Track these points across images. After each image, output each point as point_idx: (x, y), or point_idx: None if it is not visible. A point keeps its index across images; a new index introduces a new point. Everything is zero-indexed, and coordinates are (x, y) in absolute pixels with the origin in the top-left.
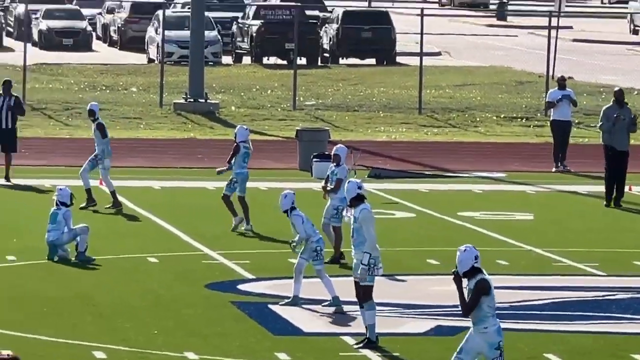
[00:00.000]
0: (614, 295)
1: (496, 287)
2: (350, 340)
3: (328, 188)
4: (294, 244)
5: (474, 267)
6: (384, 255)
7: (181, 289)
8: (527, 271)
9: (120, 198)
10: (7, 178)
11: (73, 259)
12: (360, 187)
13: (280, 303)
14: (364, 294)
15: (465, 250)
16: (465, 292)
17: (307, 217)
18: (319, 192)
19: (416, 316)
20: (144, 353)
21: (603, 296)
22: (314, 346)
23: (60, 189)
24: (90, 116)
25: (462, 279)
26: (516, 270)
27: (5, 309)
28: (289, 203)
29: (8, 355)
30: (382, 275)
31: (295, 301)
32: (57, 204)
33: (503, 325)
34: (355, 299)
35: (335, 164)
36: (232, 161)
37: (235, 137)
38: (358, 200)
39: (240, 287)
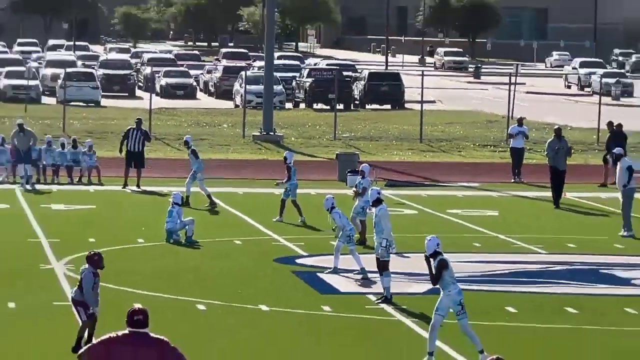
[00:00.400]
0: (552, 267)
1: (472, 262)
2: (372, 298)
3: (356, 193)
4: (334, 229)
5: (436, 251)
6: (395, 239)
7: (257, 262)
8: (494, 250)
9: (215, 199)
10: (138, 186)
11: (183, 241)
12: (379, 193)
13: (325, 272)
14: (382, 267)
15: (430, 239)
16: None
17: (342, 212)
18: (350, 195)
19: (417, 282)
20: (232, 306)
21: (545, 267)
22: (347, 301)
23: (175, 194)
24: (185, 145)
25: (429, 259)
26: (486, 250)
27: (137, 276)
28: (329, 203)
29: (139, 308)
30: (394, 253)
31: (335, 271)
32: (172, 204)
33: (477, 288)
34: (376, 270)
35: (361, 177)
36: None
37: (285, 160)
38: (378, 202)
39: (298, 261)
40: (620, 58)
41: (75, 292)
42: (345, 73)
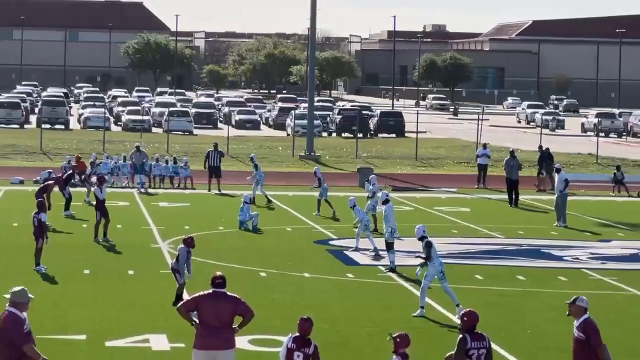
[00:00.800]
0: (507, 247)
1: (451, 243)
2: (382, 268)
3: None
4: (355, 222)
5: (423, 236)
6: (397, 227)
7: (302, 243)
8: (466, 235)
9: (272, 199)
10: (218, 190)
11: (251, 229)
12: (387, 195)
13: (349, 250)
14: (389, 246)
15: (418, 227)
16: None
17: (361, 208)
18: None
19: (412, 257)
20: (284, 273)
21: (502, 247)
22: (365, 270)
23: (245, 195)
24: (251, 160)
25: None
26: (461, 235)
27: (218, 252)
28: (353, 202)
29: (219, 274)
30: (397, 238)
31: (356, 249)
32: (243, 202)
33: (455, 261)
34: (384, 248)
35: (372, 184)
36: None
37: (315, 173)
38: (386, 202)
39: (330, 242)
40: (555, 102)
41: (174, 263)
42: (364, 112)
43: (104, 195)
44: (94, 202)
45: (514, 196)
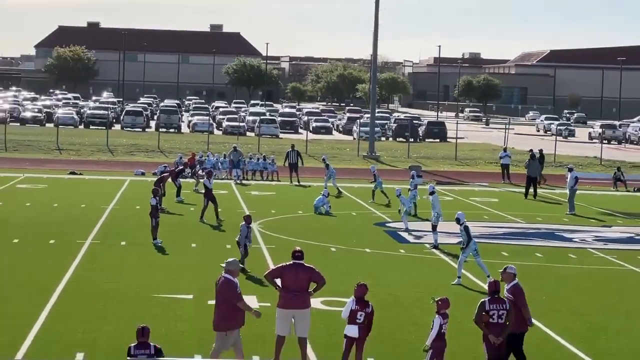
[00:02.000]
0: (527, 230)
1: (482, 226)
2: (427, 245)
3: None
4: (400, 208)
5: (460, 219)
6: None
7: (364, 224)
8: (495, 220)
9: (341, 190)
10: (298, 182)
11: (323, 213)
12: (433, 188)
13: (401, 230)
14: (433, 228)
15: (459, 213)
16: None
17: (405, 197)
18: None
19: (452, 237)
20: (350, 249)
21: (523, 230)
22: (414, 247)
23: (325, 188)
24: (323, 161)
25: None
26: (491, 220)
27: (297, 231)
28: (398, 191)
29: (299, 248)
30: (441, 221)
31: (407, 230)
32: (322, 194)
33: (486, 241)
34: (430, 230)
35: (418, 176)
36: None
37: (371, 170)
38: (432, 193)
39: (387, 224)
40: (568, 115)
41: (238, 237)
42: (414, 121)
43: (212, 186)
44: (202, 191)
45: (531, 190)
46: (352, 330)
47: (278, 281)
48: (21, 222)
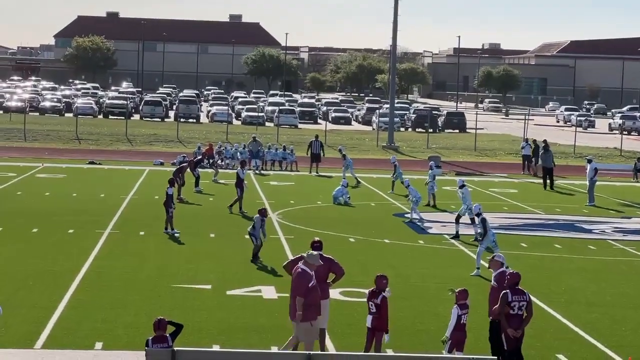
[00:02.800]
0: (547, 221)
1: (502, 217)
2: (446, 236)
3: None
4: (408, 198)
5: (479, 212)
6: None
7: (383, 215)
8: (514, 211)
9: (360, 180)
10: (317, 172)
11: (343, 203)
12: (463, 181)
13: (417, 221)
14: (457, 219)
15: (475, 205)
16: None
17: (414, 188)
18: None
19: (472, 228)
20: (367, 239)
21: (543, 221)
22: (434, 238)
23: (344, 179)
24: (339, 152)
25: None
26: (510, 211)
27: (316, 220)
28: (407, 182)
29: (317, 239)
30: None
31: (420, 220)
32: (342, 184)
33: (505, 232)
34: (454, 221)
35: (437, 167)
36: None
37: (391, 160)
38: (462, 186)
39: (406, 215)
40: (588, 106)
41: (250, 229)
42: (434, 112)
43: (244, 176)
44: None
45: (548, 181)
46: (368, 320)
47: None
48: (40, 211)
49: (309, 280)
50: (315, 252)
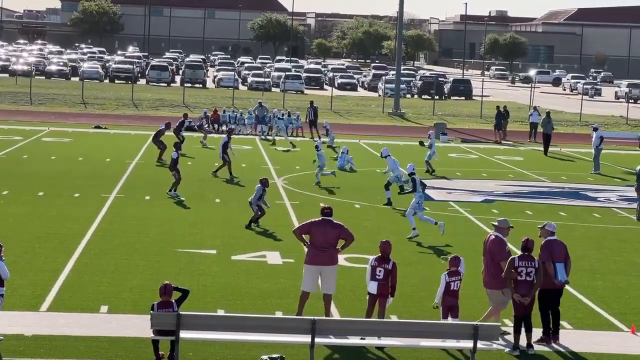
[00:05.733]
0: (552, 189)
1: (507, 185)
2: (452, 203)
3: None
4: (384, 170)
5: (412, 172)
6: (467, 172)
7: (394, 184)
8: (520, 179)
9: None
10: (319, 137)
11: (348, 170)
12: (387, 151)
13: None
14: (386, 186)
15: (409, 165)
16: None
17: (394, 159)
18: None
19: (476, 195)
20: (373, 206)
21: (548, 189)
22: (438, 205)
23: (344, 147)
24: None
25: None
26: (515, 178)
27: (323, 190)
28: (386, 152)
29: (327, 205)
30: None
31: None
32: (342, 152)
33: (510, 199)
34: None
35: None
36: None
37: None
38: (387, 156)
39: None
40: (594, 74)
41: (252, 198)
42: (440, 79)
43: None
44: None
45: (546, 147)
46: (372, 287)
47: (306, 238)
48: (46, 175)
49: (504, 244)
50: (503, 218)
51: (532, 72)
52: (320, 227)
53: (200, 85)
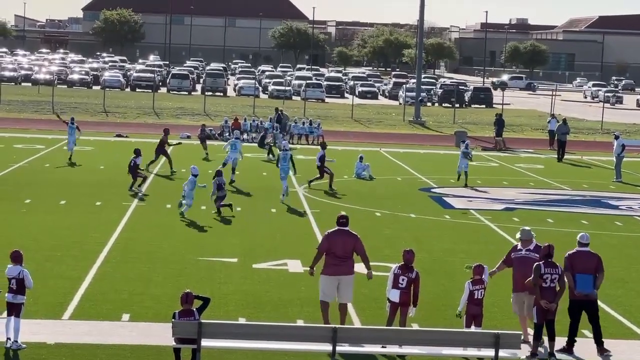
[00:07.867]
0: (573, 197)
1: (528, 193)
2: (472, 211)
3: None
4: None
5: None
6: (487, 180)
7: (409, 189)
8: (541, 187)
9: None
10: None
11: (367, 178)
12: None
13: (447, 196)
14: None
15: (192, 166)
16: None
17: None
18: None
19: (496, 203)
20: (394, 214)
21: (570, 197)
22: (459, 213)
23: (360, 155)
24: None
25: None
26: (536, 187)
27: (344, 198)
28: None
29: (343, 214)
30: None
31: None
32: (359, 159)
33: (531, 207)
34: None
35: (462, 142)
36: None
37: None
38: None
39: (432, 190)
40: (615, 82)
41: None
42: (460, 87)
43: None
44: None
45: (561, 154)
46: (394, 295)
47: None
48: (68, 183)
49: (533, 260)
50: (528, 228)
51: (505, 77)
52: (337, 238)
53: (221, 94)
